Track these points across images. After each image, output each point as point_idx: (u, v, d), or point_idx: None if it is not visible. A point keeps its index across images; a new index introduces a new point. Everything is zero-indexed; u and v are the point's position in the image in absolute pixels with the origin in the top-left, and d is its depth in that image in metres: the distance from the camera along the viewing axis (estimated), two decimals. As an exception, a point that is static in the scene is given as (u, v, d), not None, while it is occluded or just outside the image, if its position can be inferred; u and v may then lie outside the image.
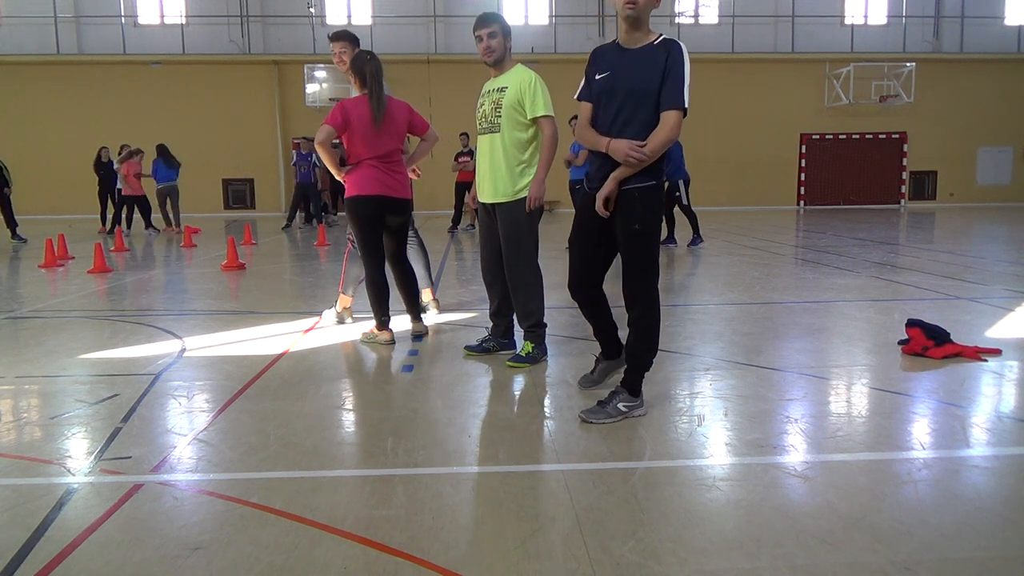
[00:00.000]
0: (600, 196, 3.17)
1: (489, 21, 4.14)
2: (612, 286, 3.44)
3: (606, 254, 3.41)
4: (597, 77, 3.22)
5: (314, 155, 15.84)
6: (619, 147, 3.08)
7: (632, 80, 3.12)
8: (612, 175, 3.13)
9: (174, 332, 5.15)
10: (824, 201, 22.88)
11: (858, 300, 6.27)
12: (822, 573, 1.98)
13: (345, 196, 4.64)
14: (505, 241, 4.23)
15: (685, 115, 3.09)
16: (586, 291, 3.49)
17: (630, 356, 3.32)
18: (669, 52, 3.08)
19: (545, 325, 4.29)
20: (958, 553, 2.08)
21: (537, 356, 4.21)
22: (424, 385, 3.88)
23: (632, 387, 3.27)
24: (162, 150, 14.80)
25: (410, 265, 4.91)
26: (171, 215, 14.96)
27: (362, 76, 4.50)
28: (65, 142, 20.76)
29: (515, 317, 4.40)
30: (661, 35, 3.17)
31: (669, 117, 3.05)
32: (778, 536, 2.17)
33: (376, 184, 4.53)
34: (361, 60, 4.50)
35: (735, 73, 22.33)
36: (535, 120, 4.12)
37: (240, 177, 22.36)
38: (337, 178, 4.70)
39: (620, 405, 3.23)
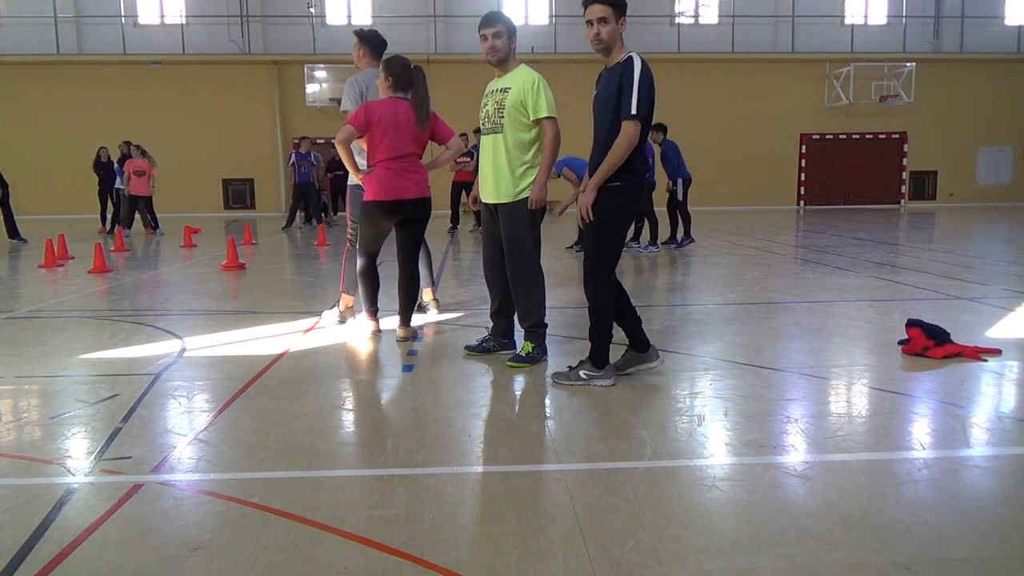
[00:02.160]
0: (581, 205, 3.63)
1: (495, 21, 4.14)
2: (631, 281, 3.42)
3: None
4: (595, 93, 3.72)
5: (312, 154, 15.85)
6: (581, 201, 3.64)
7: (602, 98, 3.61)
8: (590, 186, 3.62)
9: (174, 332, 5.15)
10: (824, 201, 22.87)
11: (858, 300, 6.27)
12: (822, 573, 1.98)
13: (364, 199, 4.70)
14: (507, 241, 4.23)
15: (646, 122, 3.50)
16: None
17: (596, 331, 3.71)
18: (623, 68, 3.51)
19: (546, 325, 4.29)
20: (958, 553, 2.08)
21: (537, 356, 4.21)
22: (424, 385, 3.88)
23: (593, 359, 3.69)
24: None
25: (418, 268, 4.92)
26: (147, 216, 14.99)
27: (404, 82, 4.63)
28: (65, 142, 20.75)
29: (515, 317, 4.41)
30: (629, 54, 3.55)
31: (624, 128, 3.47)
32: (778, 536, 2.17)
33: (395, 189, 4.60)
34: (403, 67, 4.64)
35: (735, 73, 22.33)
36: (538, 121, 4.12)
37: (240, 177, 22.35)
38: (356, 179, 4.77)
39: (582, 373, 3.70)
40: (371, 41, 5.24)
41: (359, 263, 4.89)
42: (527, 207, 4.17)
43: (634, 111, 3.43)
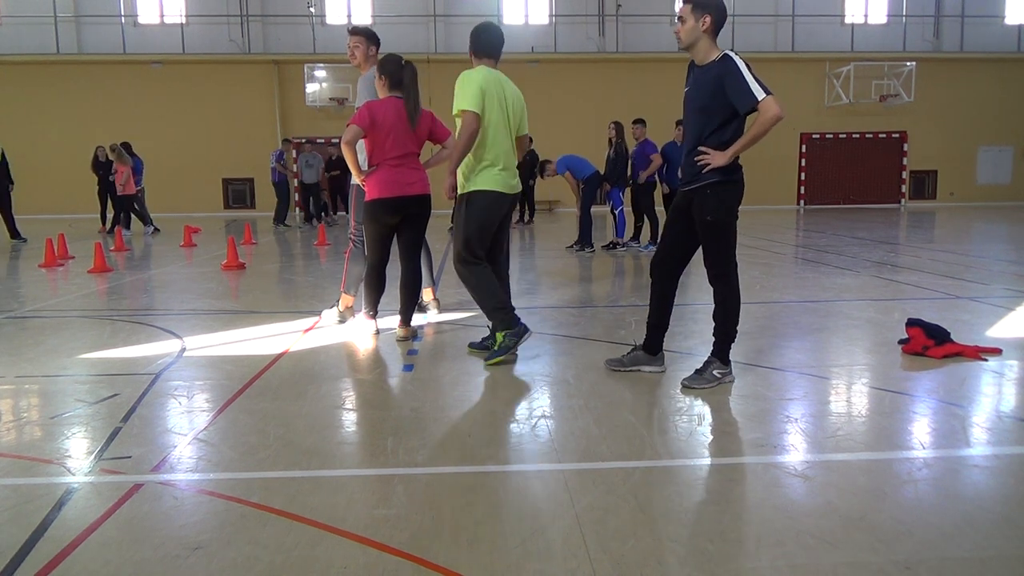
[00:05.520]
0: (716, 163, 3.53)
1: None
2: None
3: (690, 244, 3.80)
4: (686, 89, 3.71)
5: (274, 155, 15.96)
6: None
7: (693, 93, 3.62)
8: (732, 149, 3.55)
9: (174, 332, 5.15)
10: (824, 200, 22.85)
11: (858, 299, 6.26)
12: (822, 572, 1.98)
13: (367, 199, 4.73)
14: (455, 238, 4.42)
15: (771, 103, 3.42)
16: (663, 268, 3.86)
17: (719, 330, 3.74)
18: (720, 69, 3.48)
19: (504, 308, 4.25)
20: (958, 552, 2.08)
21: (509, 344, 4.19)
22: (424, 385, 3.88)
23: (723, 356, 3.72)
24: (129, 148, 14.69)
25: (420, 267, 4.94)
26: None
27: (397, 80, 4.66)
28: (65, 142, 20.73)
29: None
30: (723, 52, 3.53)
31: (762, 107, 3.41)
32: (778, 535, 2.17)
33: (397, 187, 4.63)
34: (396, 64, 4.66)
35: None
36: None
37: (240, 177, 22.35)
38: (356, 180, 4.80)
39: (715, 372, 3.70)
40: (378, 41, 5.24)
41: (368, 265, 4.88)
42: (463, 202, 4.30)
43: (760, 94, 3.42)
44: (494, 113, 4.22)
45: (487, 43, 4.30)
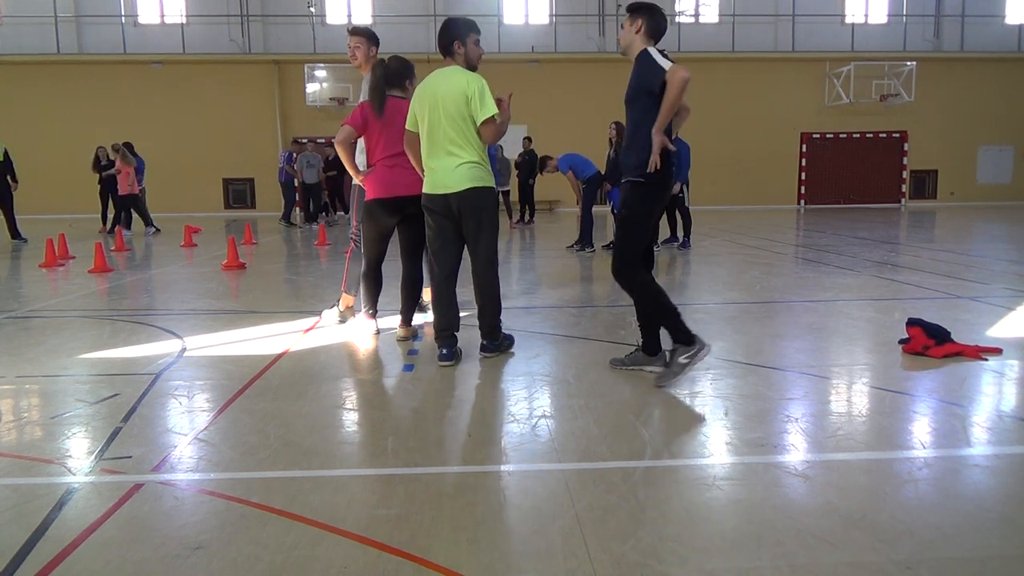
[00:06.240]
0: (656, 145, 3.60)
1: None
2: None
3: (649, 241, 3.86)
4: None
5: (283, 156, 16.06)
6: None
7: (628, 93, 3.74)
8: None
9: (174, 332, 5.15)
10: (824, 200, 22.86)
11: (858, 299, 6.26)
12: (822, 572, 1.98)
13: (365, 199, 4.75)
14: None
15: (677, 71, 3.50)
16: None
17: (657, 321, 3.80)
18: (636, 61, 3.68)
19: (446, 329, 4.29)
20: (958, 552, 2.08)
21: (439, 355, 4.24)
22: (424, 385, 3.88)
23: (681, 339, 3.69)
24: (131, 148, 14.66)
25: (421, 268, 4.92)
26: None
27: (395, 79, 4.74)
28: (65, 142, 20.75)
29: (485, 318, 4.41)
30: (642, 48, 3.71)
31: (668, 79, 3.49)
32: (778, 535, 2.17)
33: (395, 187, 4.63)
34: (390, 66, 4.75)
35: (735, 72, 22.31)
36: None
37: (240, 177, 22.37)
38: (356, 180, 4.82)
39: (680, 359, 3.67)
40: (378, 41, 5.24)
41: (364, 264, 4.92)
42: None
43: (665, 65, 3.53)
44: (424, 121, 4.19)
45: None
